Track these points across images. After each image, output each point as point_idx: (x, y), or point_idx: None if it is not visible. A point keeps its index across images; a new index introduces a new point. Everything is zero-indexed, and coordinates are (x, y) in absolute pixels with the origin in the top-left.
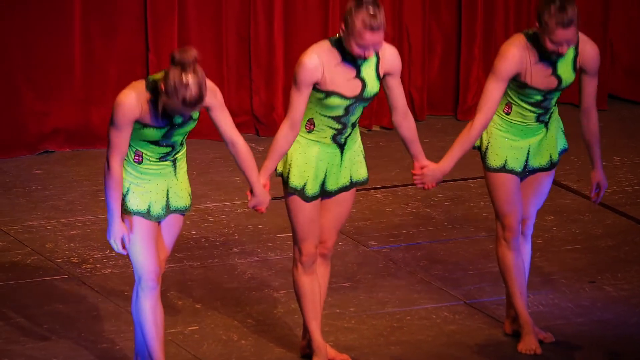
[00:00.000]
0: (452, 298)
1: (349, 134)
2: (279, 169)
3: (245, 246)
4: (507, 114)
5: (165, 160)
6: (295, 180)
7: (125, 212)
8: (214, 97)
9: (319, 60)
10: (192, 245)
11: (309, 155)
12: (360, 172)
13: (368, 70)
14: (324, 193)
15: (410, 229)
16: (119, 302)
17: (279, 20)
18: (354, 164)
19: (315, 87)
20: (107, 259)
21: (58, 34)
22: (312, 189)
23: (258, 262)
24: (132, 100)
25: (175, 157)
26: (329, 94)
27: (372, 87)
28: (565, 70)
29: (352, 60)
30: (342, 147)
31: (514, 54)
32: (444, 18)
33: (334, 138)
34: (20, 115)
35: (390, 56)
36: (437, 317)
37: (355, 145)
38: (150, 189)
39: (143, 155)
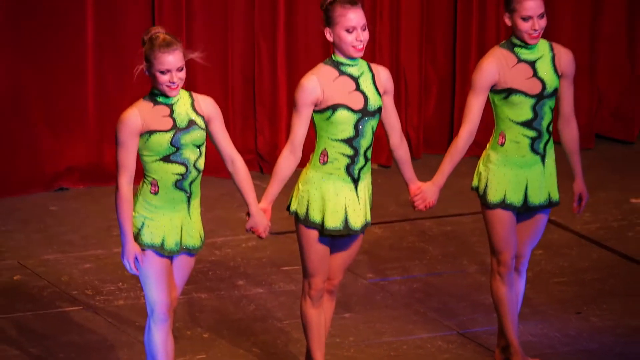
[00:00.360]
0: (446, 328)
1: (362, 166)
2: (293, 207)
3: (250, 279)
4: (502, 145)
5: (181, 189)
6: (316, 215)
7: (140, 246)
8: (213, 108)
9: (317, 79)
10: (200, 278)
11: (324, 190)
12: (369, 213)
13: (366, 84)
14: (349, 230)
15: (406, 262)
16: (131, 333)
17: (282, 63)
18: (367, 204)
19: (319, 109)
20: (119, 291)
21: (72, 76)
22: (332, 222)
23: (262, 294)
24: (131, 112)
25: (190, 189)
26: (334, 108)
27: (374, 100)
28: (547, 72)
29: (349, 74)
30: (356, 182)
31: (488, 63)
32: (440, 61)
33: (347, 169)
34: (37, 154)
35: (384, 76)
36: (431, 347)
37: (367, 184)
38: (164, 223)
39: (158, 183)
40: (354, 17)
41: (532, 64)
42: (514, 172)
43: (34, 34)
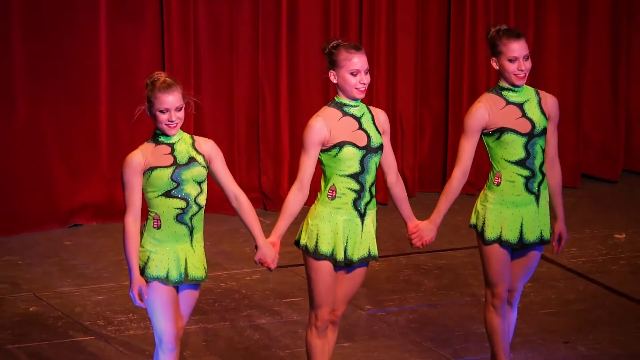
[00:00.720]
0: (440, 357)
1: (368, 202)
2: (303, 241)
3: (254, 310)
4: (498, 185)
5: (183, 223)
6: (325, 248)
7: (146, 278)
8: (213, 148)
9: (323, 120)
10: (207, 310)
11: (333, 224)
12: (375, 247)
13: (367, 124)
14: (347, 262)
15: (402, 294)
16: None
17: (284, 108)
18: (372, 237)
19: (326, 149)
20: (130, 322)
21: (87, 120)
22: (339, 254)
23: (266, 325)
24: (134, 153)
25: (192, 223)
26: (341, 145)
27: (376, 137)
28: (534, 113)
29: (352, 114)
30: (362, 216)
31: (478, 107)
32: (434, 105)
33: (354, 204)
34: (53, 192)
35: (382, 117)
36: None
37: (373, 219)
38: (168, 256)
39: (161, 218)
40: (358, 61)
41: (520, 105)
42: (510, 211)
43: (51, 79)
